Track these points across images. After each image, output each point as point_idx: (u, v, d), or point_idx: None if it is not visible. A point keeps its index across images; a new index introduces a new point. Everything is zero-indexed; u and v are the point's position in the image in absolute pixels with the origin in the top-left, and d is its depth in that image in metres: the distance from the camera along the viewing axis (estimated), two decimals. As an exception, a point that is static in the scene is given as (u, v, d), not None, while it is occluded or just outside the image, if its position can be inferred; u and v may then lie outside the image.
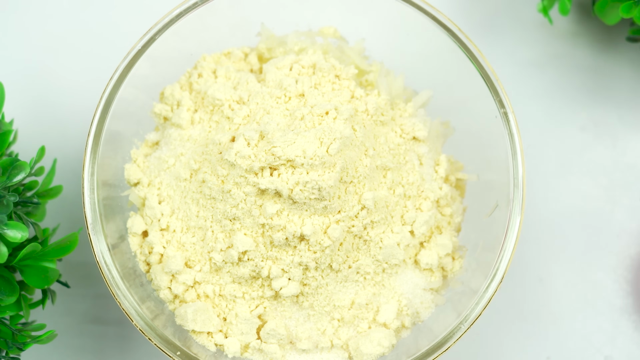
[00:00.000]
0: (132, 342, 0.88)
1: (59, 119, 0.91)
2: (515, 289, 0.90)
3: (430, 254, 0.77)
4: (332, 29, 0.81)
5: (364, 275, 0.75)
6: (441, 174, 0.78)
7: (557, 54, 0.94)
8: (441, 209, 0.79)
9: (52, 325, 0.86)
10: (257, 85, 0.77)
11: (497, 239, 0.75)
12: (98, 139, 0.75)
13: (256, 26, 0.81)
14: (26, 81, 0.92)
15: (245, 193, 0.71)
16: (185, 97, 0.79)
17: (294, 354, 0.76)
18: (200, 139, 0.77)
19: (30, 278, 0.74)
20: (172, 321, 0.76)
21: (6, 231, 0.70)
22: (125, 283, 0.74)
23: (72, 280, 0.88)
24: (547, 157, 0.93)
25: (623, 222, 0.92)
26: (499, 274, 0.74)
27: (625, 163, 0.93)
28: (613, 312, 0.90)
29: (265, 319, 0.76)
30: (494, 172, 0.77)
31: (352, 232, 0.73)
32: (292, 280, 0.73)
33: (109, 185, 0.77)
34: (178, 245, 0.76)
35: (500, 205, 0.76)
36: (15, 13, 0.93)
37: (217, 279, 0.75)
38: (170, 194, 0.77)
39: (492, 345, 0.90)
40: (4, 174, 0.72)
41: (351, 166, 0.72)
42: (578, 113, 0.94)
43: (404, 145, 0.76)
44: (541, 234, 0.91)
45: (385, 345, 0.75)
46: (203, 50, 0.80)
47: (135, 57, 0.76)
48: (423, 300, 0.77)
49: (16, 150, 0.88)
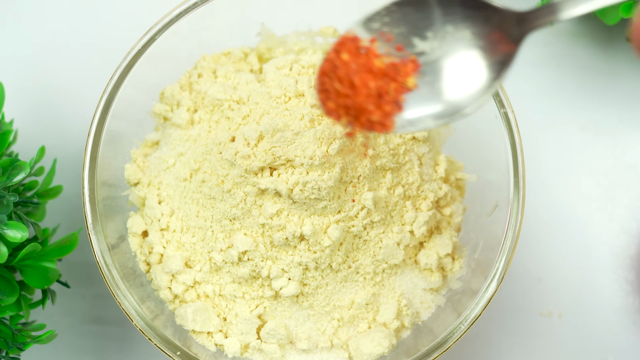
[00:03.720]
0: (132, 342, 0.88)
1: (59, 119, 0.91)
2: (515, 289, 0.90)
3: (430, 254, 0.77)
4: (332, 29, 0.81)
5: (364, 275, 0.75)
6: (441, 174, 0.78)
7: (557, 54, 0.94)
8: (441, 209, 0.79)
9: (52, 325, 0.86)
10: (257, 85, 0.77)
11: (497, 239, 0.75)
12: (98, 139, 0.75)
13: (256, 26, 0.81)
14: (26, 81, 0.92)
15: (245, 193, 0.71)
16: (185, 97, 0.79)
17: (294, 354, 0.76)
18: (200, 139, 0.77)
19: (30, 278, 0.74)
20: (172, 321, 0.76)
21: (6, 231, 0.70)
22: (125, 283, 0.74)
23: (72, 280, 0.88)
24: (547, 157, 0.93)
25: (623, 222, 0.92)
26: (499, 274, 0.74)
27: (625, 163, 0.93)
28: (613, 312, 0.90)
29: (265, 319, 0.76)
30: (494, 172, 0.77)
31: (352, 232, 0.73)
32: (292, 280, 0.73)
33: (109, 185, 0.77)
34: (178, 245, 0.76)
35: (500, 205, 0.76)
36: (16, 13, 0.94)
37: (217, 279, 0.75)
38: (170, 194, 0.77)
39: (492, 345, 0.90)
40: (4, 174, 0.72)
41: (351, 166, 0.72)
42: (578, 113, 0.94)
43: (404, 145, 0.76)
44: (541, 234, 0.91)
45: (385, 345, 0.75)
46: (203, 50, 0.80)
47: (135, 57, 0.76)
48: (423, 300, 0.77)
49: (16, 150, 0.88)
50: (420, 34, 0.57)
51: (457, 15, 0.57)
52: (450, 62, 0.57)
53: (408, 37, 0.58)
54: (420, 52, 0.58)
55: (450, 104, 0.58)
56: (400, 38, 0.58)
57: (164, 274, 0.76)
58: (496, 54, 0.57)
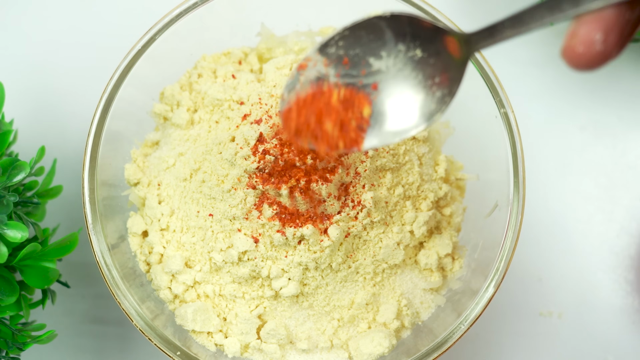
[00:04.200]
0: (132, 342, 0.88)
1: (59, 119, 0.91)
2: (515, 289, 0.90)
3: (430, 254, 0.77)
4: (332, 29, 0.81)
5: (364, 275, 0.75)
6: (441, 174, 0.78)
7: (557, 54, 0.94)
8: (441, 209, 0.79)
9: (52, 325, 0.86)
10: (257, 85, 0.77)
11: (497, 239, 0.75)
12: (98, 139, 0.75)
13: (256, 26, 0.81)
14: (26, 81, 0.92)
15: (245, 193, 0.71)
16: (185, 97, 0.79)
17: (293, 354, 0.76)
18: (200, 139, 0.77)
19: (30, 278, 0.74)
20: (172, 321, 0.76)
21: (6, 231, 0.70)
22: (125, 283, 0.74)
23: (72, 280, 0.88)
24: (547, 157, 0.93)
25: (623, 222, 0.92)
26: (499, 274, 0.74)
27: (625, 163, 0.93)
28: (613, 312, 0.90)
29: (265, 319, 0.76)
30: (494, 172, 0.77)
31: (352, 233, 0.73)
32: (292, 280, 0.73)
33: (109, 185, 0.77)
34: (178, 245, 0.76)
35: (500, 205, 0.76)
36: (16, 13, 0.94)
37: (217, 279, 0.75)
38: (170, 194, 0.77)
39: (492, 345, 0.90)
40: (4, 174, 0.72)
41: (351, 166, 0.72)
42: (578, 113, 0.94)
43: (404, 145, 0.76)
44: (541, 234, 0.91)
45: (385, 345, 0.75)
46: (203, 50, 0.80)
47: (135, 57, 0.76)
48: (423, 300, 0.77)
49: (16, 150, 0.88)
50: (375, 54, 0.61)
51: (407, 35, 0.60)
52: (406, 79, 0.61)
53: (363, 57, 0.61)
54: (377, 70, 0.61)
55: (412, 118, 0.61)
56: (355, 59, 0.61)
57: (164, 274, 0.76)
58: (445, 72, 0.60)
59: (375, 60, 0.61)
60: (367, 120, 0.61)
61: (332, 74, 0.62)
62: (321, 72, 0.62)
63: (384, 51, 0.61)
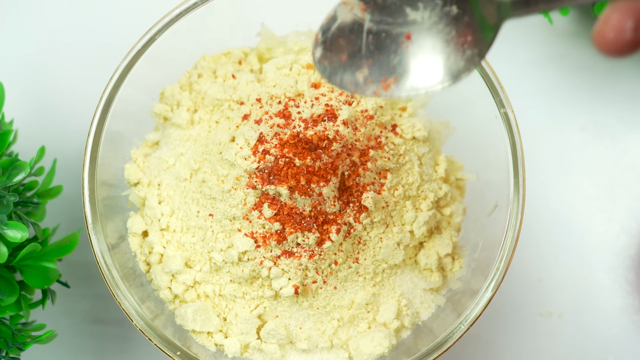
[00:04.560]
0: (132, 342, 0.88)
1: (59, 119, 0.91)
2: (515, 289, 0.90)
3: (430, 254, 0.77)
4: (332, 29, 0.81)
5: (364, 276, 0.75)
6: (441, 174, 0.78)
7: (557, 54, 0.94)
8: (441, 209, 0.78)
9: (52, 325, 0.86)
10: (257, 85, 0.77)
11: (497, 239, 0.75)
12: (98, 139, 0.75)
13: (256, 26, 0.81)
14: (26, 81, 0.92)
15: (245, 193, 0.71)
16: (185, 97, 0.79)
17: (294, 354, 0.76)
18: (200, 139, 0.77)
19: (30, 278, 0.74)
20: (172, 321, 0.76)
21: (6, 231, 0.70)
22: (125, 283, 0.74)
23: (72, 280, 0.88)
24: (547, 157, 0.93)
25: (623, 222, 0.92)
26: (499, 274, 0.74)
27: (625, 163, 0.93)
28: (613, 312, 0.90)
29: (265, 319, 0.76)
30: (494, 172, 0.77)
31: (352, 233, 0.73)
32: (292, 281, 0.73)
33: (109, 185, 0.77)
34: (178, 245, 0.76)
35: (500, 205, 0.76)
36: (15, 13, 0.93)
37: (217, 279, 0.75)
38: (170, 194, 0.77)
39: (492, 345, 0.89)
40: (4, 174, 0.72)
41: (351, 167, 0.72)
42: (578, 113, 0.94)
43: (404, 145, 0.76)
44: (541, 234, 0.91)
45: (385, 345, 0.75)
46: (203, 50, 0.80)
47: (135, 57, 0.76)
48: (423, 300, 0.77)
49: (16, 150, 0.88)
50: (412, 4, 0.61)
51: None
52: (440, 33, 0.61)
53: (401, 5, 0.61)
54: (412, 20, 0.61)
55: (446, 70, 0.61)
56: (392, 7, 0.62)
57: (164, 274, 0.76)
58: (478, 33, 0.60)
59: (412, 10, 0.61)
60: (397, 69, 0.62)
61: (368, 19, 0.62)
62: (357, 16, 0.62)
63: (421, 2, 0.61)
